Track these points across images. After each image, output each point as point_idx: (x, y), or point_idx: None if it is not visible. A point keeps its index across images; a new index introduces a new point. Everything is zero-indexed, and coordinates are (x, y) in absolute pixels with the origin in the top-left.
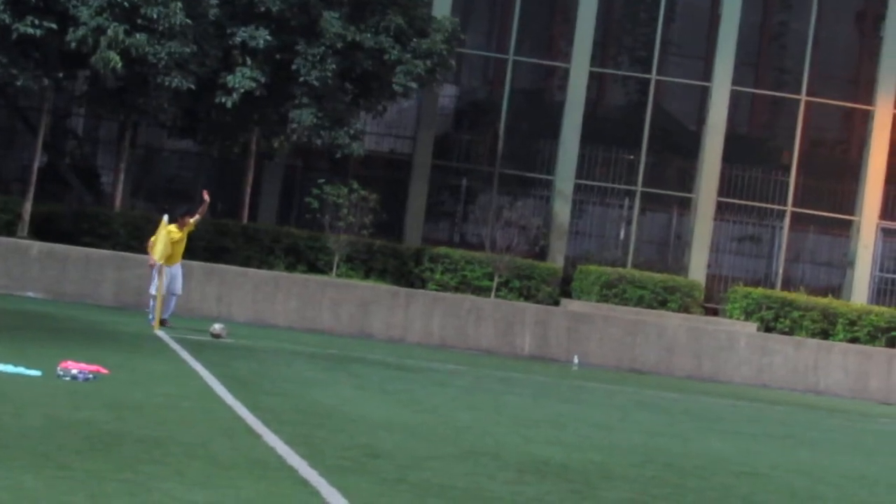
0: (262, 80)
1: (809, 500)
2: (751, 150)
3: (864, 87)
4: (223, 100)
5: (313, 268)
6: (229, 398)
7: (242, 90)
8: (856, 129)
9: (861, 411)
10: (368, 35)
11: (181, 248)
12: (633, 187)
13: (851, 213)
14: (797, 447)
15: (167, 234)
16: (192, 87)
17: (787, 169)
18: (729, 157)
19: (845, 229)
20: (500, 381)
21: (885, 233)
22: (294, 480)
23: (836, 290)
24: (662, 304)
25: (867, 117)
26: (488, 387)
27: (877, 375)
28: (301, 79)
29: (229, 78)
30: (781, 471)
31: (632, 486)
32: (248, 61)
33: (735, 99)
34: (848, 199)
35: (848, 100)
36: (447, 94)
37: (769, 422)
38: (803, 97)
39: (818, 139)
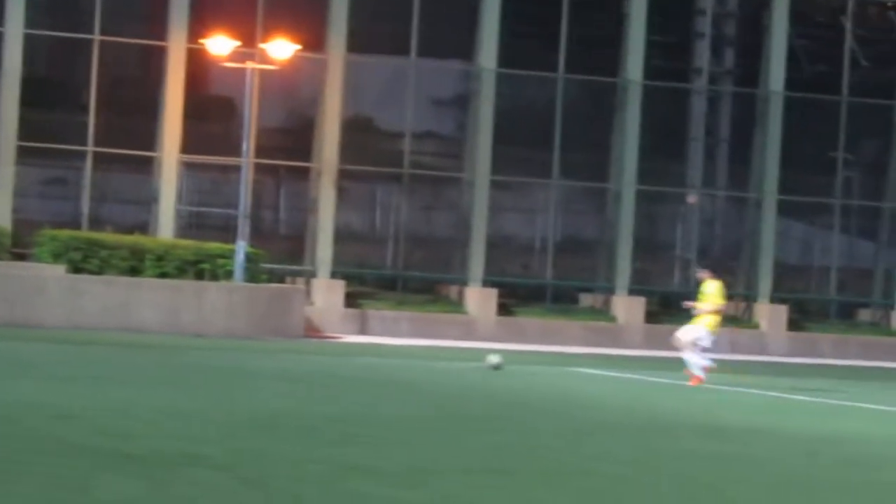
0: None
1: (121, 437)
2: (49, 93)
3: (157, 23)
4: None
5: None
6: None
7: None
8: (152, 65)
9: (174, 345)
10: None
11: None
12: None
13: (153, 150)
14: (109, 386)
15: None
16: None
17: (87, 109)
18: (28, 100)
19: (148, 166)
20: None
21: (187, 167)
22: None
23: (144, 227)
24: None
25: (162, 53)
26: None
27: (188, 308)
28: None
29: None
30: (94, 411)
31: None
32: None
33: (30, 42)
34: (148, 136)
35: (142, 37)
36: None
37: (82, 363)
38: (97, 36)
39: (116, 78)
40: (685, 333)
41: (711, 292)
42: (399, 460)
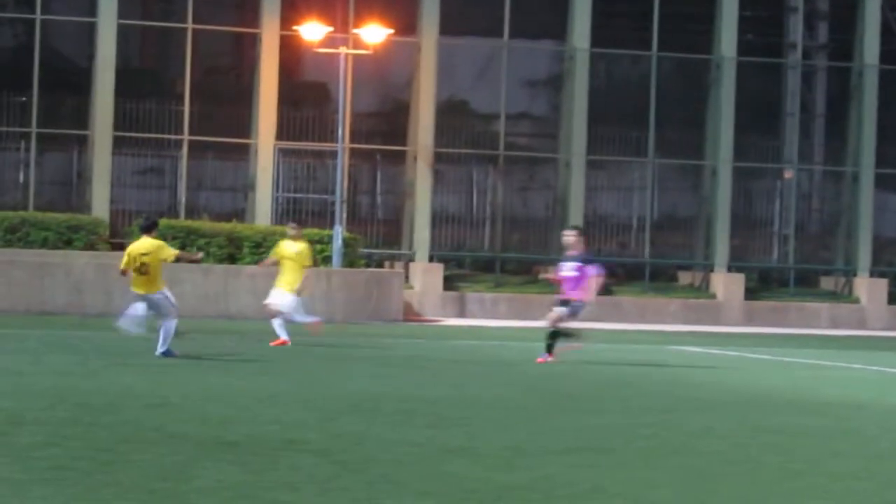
0: None
1: (220, 424)
2: (144, 83)
3: (249, 11)
4: None
5: None
6: None
7: None
8: (245, 53)
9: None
10: None
11: None
12: (27, 129)
13: (248, 137)
14: (208, 373)
15: None
16: None
17: (181, 98)
18: (122, 91)
19: (243, 153)
20: None
21: (283, 153)
22: None
23: (240, 214)
24: (68, 244)
25: (255, 41)
26: None
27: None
28: None
29: None
30: (192, 399)
31: (44, 429)
32: None
33: (123, 32)
34: (243, 124)
35: (235, 25)
36: None
37: (180, 351)
38: (190, 25)
39: (209, 66)
40: (274, 299)
41: (296, 252)
42: (497, 442)
